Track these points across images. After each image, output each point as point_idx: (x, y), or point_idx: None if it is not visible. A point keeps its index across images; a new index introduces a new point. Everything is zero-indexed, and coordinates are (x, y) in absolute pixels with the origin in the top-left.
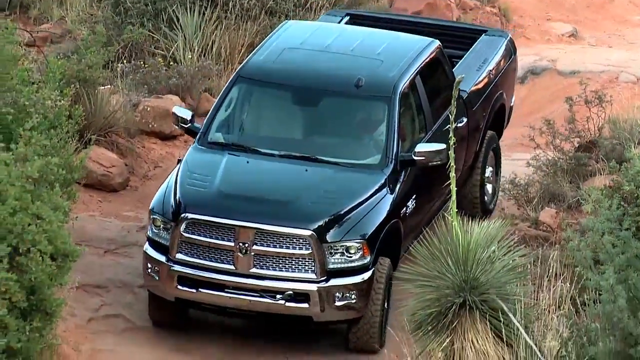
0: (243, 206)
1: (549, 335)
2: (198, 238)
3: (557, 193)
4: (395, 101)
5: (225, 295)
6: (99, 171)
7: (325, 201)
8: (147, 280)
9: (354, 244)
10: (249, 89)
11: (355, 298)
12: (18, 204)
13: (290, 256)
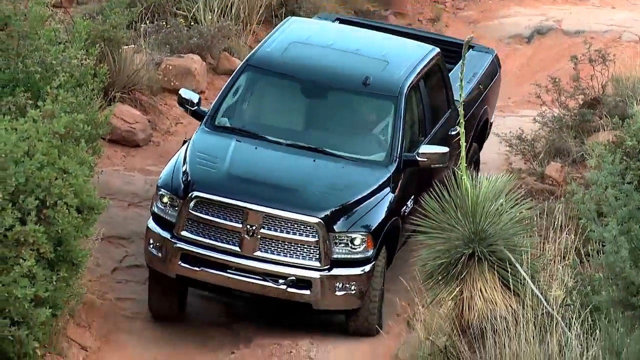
0: (253, 189)
1: (555, 285)
2: (206, 217)
3: (562, 148)
4: (402, 101)
5: (227, 276)
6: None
7: (333, 192)
8: (147, 255)
9: (359, 236)
10: (256, 78)
11: (355, 289)
12: (45, 159)
13: (296, 242)
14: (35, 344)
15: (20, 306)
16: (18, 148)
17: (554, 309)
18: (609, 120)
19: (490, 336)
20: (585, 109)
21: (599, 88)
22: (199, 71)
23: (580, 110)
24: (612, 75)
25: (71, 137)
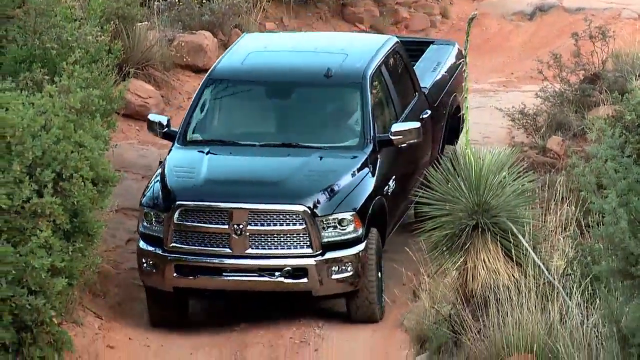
0: (234, 189)
1: (556, 255)
2: (192, 224)
3: (563, 122)
4: (366, 86)
5: (223, 279)
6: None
7: (313, 179)
8: (143, 275)
9: (346, 217)
10: (221, 89)
11: (351, 270)
12: (62, 132)
13: (285, 233)
14: (52, 312)
15: (37, 276)
16: (35, 122)
17: (555, 278)
18: (609, 95)
19: (494, 305)
20: (585, 84)
21: (599, 64)
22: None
23: (581, 85)
24: (611, 52)
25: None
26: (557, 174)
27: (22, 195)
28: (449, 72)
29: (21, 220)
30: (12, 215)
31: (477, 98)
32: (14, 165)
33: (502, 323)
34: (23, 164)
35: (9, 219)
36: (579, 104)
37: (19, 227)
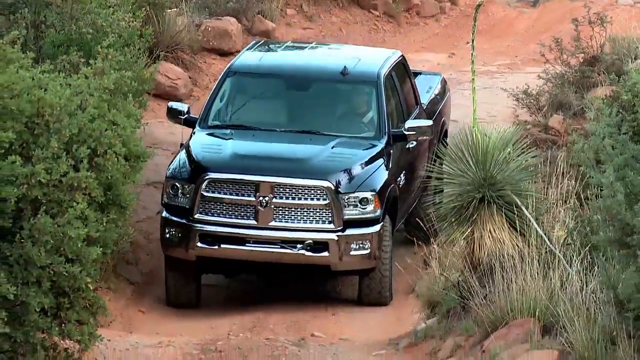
0: (261, 163)
1: (557, 226)
2: (218, 196)
3: (564, 102)
4: (381, 84)
5: (246, 249)
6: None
7: (335, 159)
8: (165, 245)
9: (367, 196)
10: (241, 81)
11: (369, 248)
12: (96, 112)
13: (309, 207)
14: (87, 279)
15: (74, 245)
16: (72, 102)
17: (556, 247)
18: (607, 77)
19: (499, 272)
20: (585, 67)
21: (598, 47)
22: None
23: (581, 67)
24: (609, 36)
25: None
26: (558, 150)
27: (60, 170)
28: (438, 97)
29: (59, 193)
30: (51, 189)
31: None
32: (52, 142)
33: (507, 289)
34: (60, 140)
35: (48, 192)
36: (578, 85)
37: (57, 199)
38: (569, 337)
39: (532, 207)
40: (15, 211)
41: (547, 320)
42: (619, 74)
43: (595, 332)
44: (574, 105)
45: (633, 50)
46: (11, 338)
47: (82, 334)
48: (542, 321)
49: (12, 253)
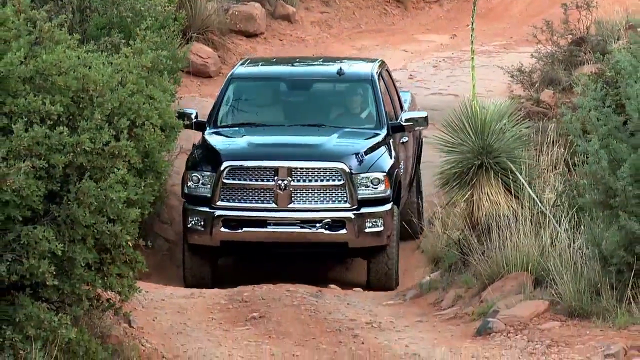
0: (278, 150)
1: (547, 189)
2: (239, 182)
3: (554, 78)
4: (376, 82)
5: (267, 231)
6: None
7: (346, 144)
8: (189, 234)
9: (379, 176)
10: (245, 86)
11: (381, 225)
12: (135, 87)
13: (325, 189)
14: (127, 237)
15: (115, 207)
16: (113, 79)
17: (547, 209)
18: (592, 56)
19: (495, 231)
20: (573, 47)
21: (584, 29)
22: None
23: (569, 47)
24: (594, 19)
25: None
26: (548, 121)
27: (103, 140)
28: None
29: (102, 160)
30: (94, 156)
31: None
32: (95, 115)
33: (503, 246)
34: (103, 113)
35: (92, 159)
36: (567, 63)
37: (100, 166)
38: (558, 289)
39: (525, 173)
40: (63, 176)
41: (538, 274)
42: (603, 53)
43: (582, 284)
44: (563, 81)
45: (616, 32)
46: (59, 290)
47: (122, 286)
48: (534, 275)
49: (60, 214)
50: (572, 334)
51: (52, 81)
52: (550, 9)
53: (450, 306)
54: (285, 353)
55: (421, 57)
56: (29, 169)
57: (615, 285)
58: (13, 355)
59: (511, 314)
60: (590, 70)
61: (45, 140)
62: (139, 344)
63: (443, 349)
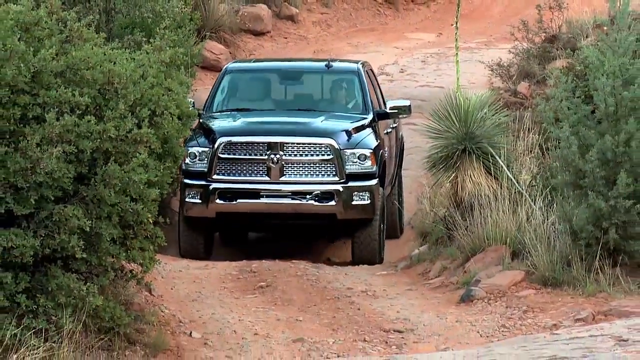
0: (271, 127)
1: (524, 171)
2: (234, 157)
3: (529, 72)
4: (362, 74)
5: (261, 202)
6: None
7: (335, 123)
8: (185, 207)
9: (365, 152)
10: (239, 77)
11: (368, 199)
12: (155, 80)
13: (315, 163)
14: (148, 214)
15: (137, 187)
16: (135, 72)
17: (523, 188)
18: (564, 52)
19: (477, 208)
20: (546, 43)
21: (556, 28)
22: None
23: (543, 44)
24: (565, 19)
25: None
26: (524, 110)
27: (126, 127)
28: None
29: (125, 146)
30: (119, 142)
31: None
32: (119, 105)
33: (484, 222)
34: (126, 103)
35: (116, 145)
36: (541, 58)
37: (123, 151)
38: (533, 261)
39: (504, 156)
40: (91, 160)
41: (515, 247)
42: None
43: (554, 256)
44: (537, 75)
45: (585, 30)
46: (87, 262)
47: (144, 259)
48: (511, 248)
49: (88, 194)
50: (546, 301)
51: (81, 75)
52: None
53: (437, 276)
54: (289, 318)
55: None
56: (60, 154)
57: (584, 257)
58: (46, 321)
59: (491, 283)
60: (562, 64)
61: (75, 128)
62: (159, 310)
63: (430, 314)
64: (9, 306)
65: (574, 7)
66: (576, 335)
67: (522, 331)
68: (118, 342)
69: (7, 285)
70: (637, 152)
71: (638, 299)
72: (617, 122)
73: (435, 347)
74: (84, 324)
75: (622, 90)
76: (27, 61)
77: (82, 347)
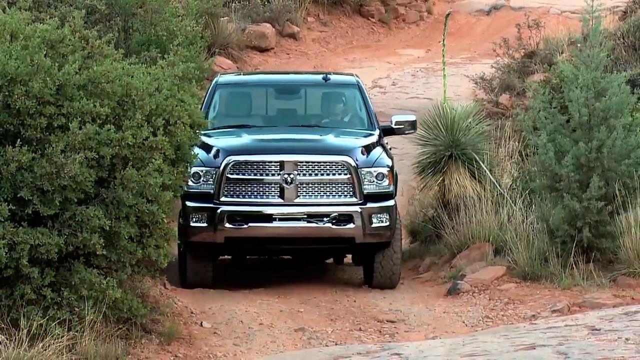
0: (283, 145)
1: (505, 175)
2: (243, 177)
3: (510, 84)
4: (362, 87)
5: (273, 226)
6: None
7: (348, 140)
8: (189, 232)
9: (383, 171)
10: (231, 92)
11: (386, 221)
12: (169, 92)
13: (332, 183)
14: (162, 215)
15: (152, 190)
16: (151, 86)
17: (504, 191)
18: (541, 66)
19: (463, 209)
20: (525, 59)
21: (535, 45)
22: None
23: (522, 59)
24: (543, 37)
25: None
26: (505, 120)
27: (142, 135)
28: None
29: (142, 152)
30: (136, 149)
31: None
32: (137, 115)
33: (469, 222)
34: (143, 113)
35: (134, 152)
36: (520, 72)
37: (140, 157)
38: (513, 257)
39: (487, 162)
40: (110, 165)
41: (498, 245)
42: (550, 64)
43: (533, 253)
44: (517, 87)
45: (560, 46)
46: (107, 258)
47: (159, 255)
48: (494, 245)
49: (108, 196)
50: (526, 294)
51: (102, 88)
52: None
53: (426, 271)
54: (291, 309)
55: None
56: (82, 160)
57: (560, 254)
58: (70, 312)
59: (476, 277)
60: (540, 78)
61: (96, 136)
62: (172, 302)
63: (420, 306)
64: (36, 299)
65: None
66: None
67: (503, 321)
68: (135, 332)
69: (34, 280)
70: (608, 158)
71: (609, 292)
72: (590, 130)
73: (425, 336)
74: (104, 314)
75: (595, 101)
76: (53, 75)
77: (102, 336)
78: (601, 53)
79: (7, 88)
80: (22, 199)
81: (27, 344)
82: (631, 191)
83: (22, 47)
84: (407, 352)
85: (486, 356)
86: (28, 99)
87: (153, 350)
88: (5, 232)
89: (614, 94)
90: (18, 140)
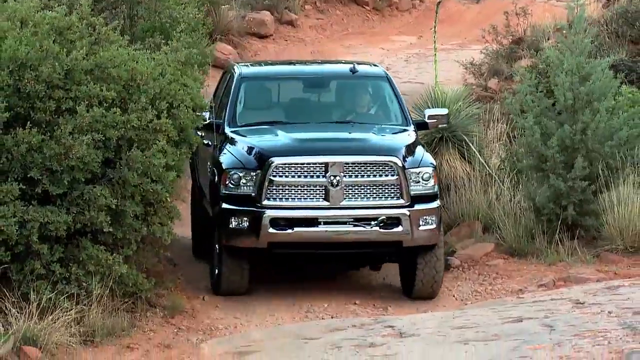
0: (327, 145)
1: (493, 156)
2: (287, 180)
3: (498, 69)
4: (391, 79)
5: (319, 230)
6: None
7: (391, 139)
8: (229, 237)
9: (429, 171)
10: (258, 85)
11: (433, 223)
12: (172, 77)
13: (379, 184)
14: (166, 194)
15: (156, 170)
16: (155, 70)
17: (493, 171)
18: (528, 52)
19: (453, 189)
20: (513, 45)
21: (522, 32)
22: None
23: (510, 45)
24: (530, 24)
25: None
26: (494, 103)
27: (147, 118)
28: None
29: (146, 134)
30: (141, 131)
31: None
32: (141, 98)
33: (459, 201)
34: (147, 97)
35: (139, 133)
36: (508, 57)
37: (145, 138)
38: (502, 234)
39: (476, 143)
40: (116, 147)
41: (486, 222)
42: (537, 50)
43: (520, 230)
44: (505, 72)
45: (547, 33)
46: (114, 235)
47: (163, 232)
48: (483, 223)
49: (114, 176)
50: (513, 269)
51: (108, 73)
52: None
53: None
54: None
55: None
56: (90, 141)
57: (546, 231)
58: (78, 287)
59: (466, 253)
60: (527, 63)
61: (103, 119)
62: (176, 278)
63: None
64: (45, 274)
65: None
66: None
67: (492, 295)
68: (140, 305)
69: (43, 256)
70: (592, 140)
71: (593, 267)
72: (574, 113)
73: (417, 309)
74: (110, 289)
75: (579, 85)
76: (61, 60)
77: (108, 310)
78: (585, 39)
79: (18, 73)
80: (32, 178)
81: (37, 317)
82: (614, 171)
83: (32, 33)
84: (400, 325)
85: (475, 328)
86: (38, 83)
87: (157, 323)
88: (16, 210)
89: (597, 78)
90: (28, 123)
